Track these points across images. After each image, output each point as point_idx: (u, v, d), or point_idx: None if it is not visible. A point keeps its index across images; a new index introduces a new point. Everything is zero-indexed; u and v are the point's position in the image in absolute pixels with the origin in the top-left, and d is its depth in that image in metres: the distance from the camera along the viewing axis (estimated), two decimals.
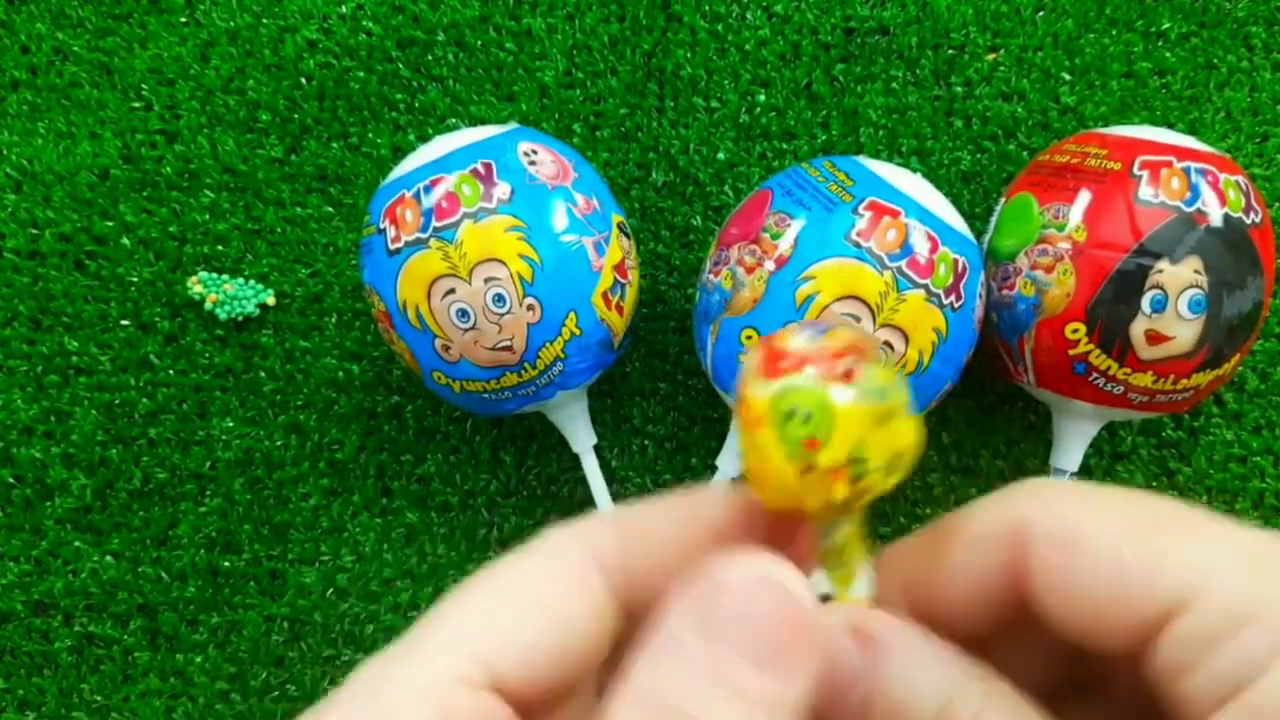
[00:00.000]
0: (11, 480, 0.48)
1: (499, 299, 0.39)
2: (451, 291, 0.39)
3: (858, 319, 0.38)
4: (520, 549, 0.18)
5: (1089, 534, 0.16)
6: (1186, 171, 0.39)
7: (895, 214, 0.38)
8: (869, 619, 0.16)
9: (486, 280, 0.39)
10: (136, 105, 0.51)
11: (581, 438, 0.45)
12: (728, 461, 0.43)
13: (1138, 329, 0.39)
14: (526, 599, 0.17)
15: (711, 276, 0.41)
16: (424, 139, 0.50)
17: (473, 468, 0.49)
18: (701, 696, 0.15)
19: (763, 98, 0.51)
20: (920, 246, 0.38)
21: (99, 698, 0.47)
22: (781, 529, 0.18)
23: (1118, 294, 0.38)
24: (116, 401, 0.49)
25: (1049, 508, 0.16)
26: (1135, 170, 0.39)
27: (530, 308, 0.39)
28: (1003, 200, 0.44)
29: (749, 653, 0.15)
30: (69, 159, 0.51)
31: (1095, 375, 0.40)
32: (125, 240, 0.50)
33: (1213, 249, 0.38)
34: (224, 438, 0.49)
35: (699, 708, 0.15)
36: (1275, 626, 0.14)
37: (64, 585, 0.48)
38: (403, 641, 0.16)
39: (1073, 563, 0.16)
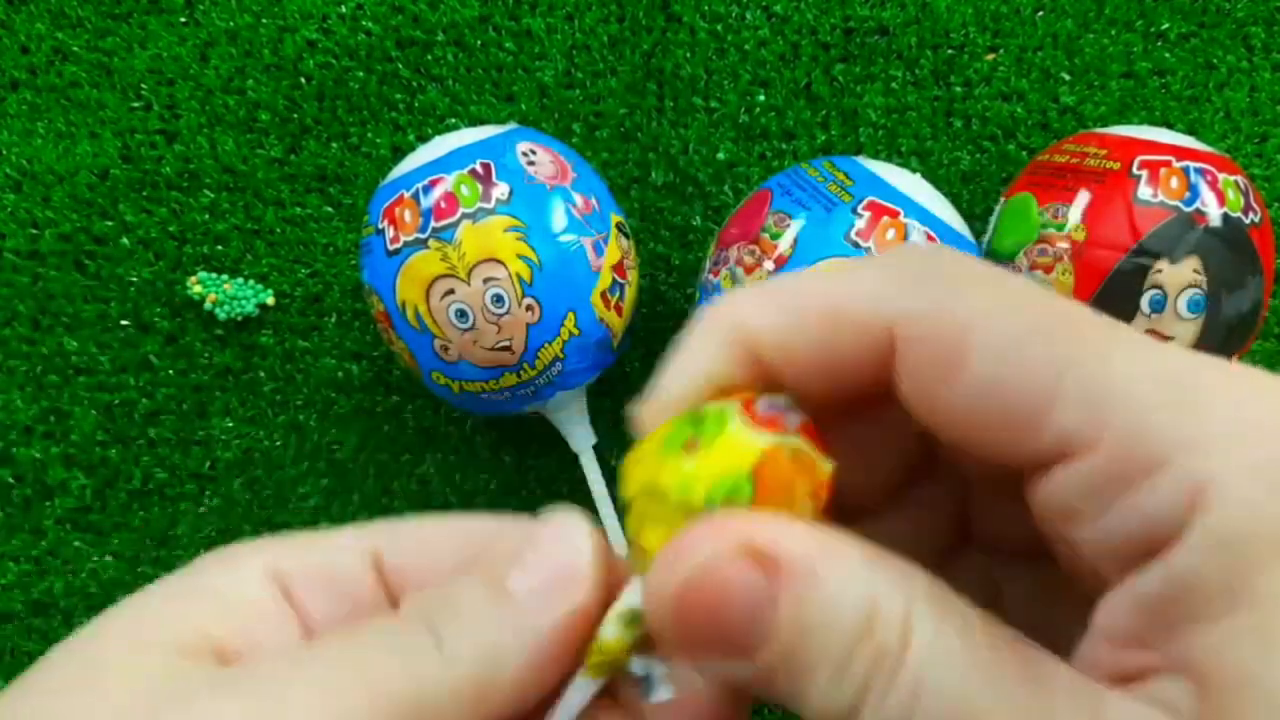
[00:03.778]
0: (11, 480, 0.49)
1: (498, 299, 0.39)
2: (450, 292, 0.39)
3: None
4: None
5: (980, 343, 0.13)
6: (1186, 171, 0.39)
7: (894, 214, 0.38)
8: (766, 536, 0.14)
9: (485, 280, 0.39)
10: (136, 105, 0.51)
11: (581, 438, 0.45)
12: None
13: (1137, 329, 0.39)
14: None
15: (711, 277, 0.41)
16: (424, 139, 0.50)
17: (473, 468, 0.49)
18: (467, 583, 0.16)
19: (762, 98, 0.51)
20: None
21: None
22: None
23: (1117, 294, 0.38)
24: (116, 401, 0.49)
25: (932, 307, 0.13)
26: (1134, 170, 0.39)
27: (529, 308, 0.39)
28: (1002, 200, 0.44)
29: (526, 569, 0.16)
30: (69, 159, 0.51)
31: None
32: (125, 240, 0.50)
33: (1212, 249, 0.38)
34: (224, 438, 0.49)
35: (463, 594, 0.16)
36: (1187, 482, 0.11)
37: (64, 585, 0.48)
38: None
39: (953, 374, 0.13)
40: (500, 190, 0.39)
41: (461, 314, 0.39)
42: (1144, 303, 0.38)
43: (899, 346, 0.14)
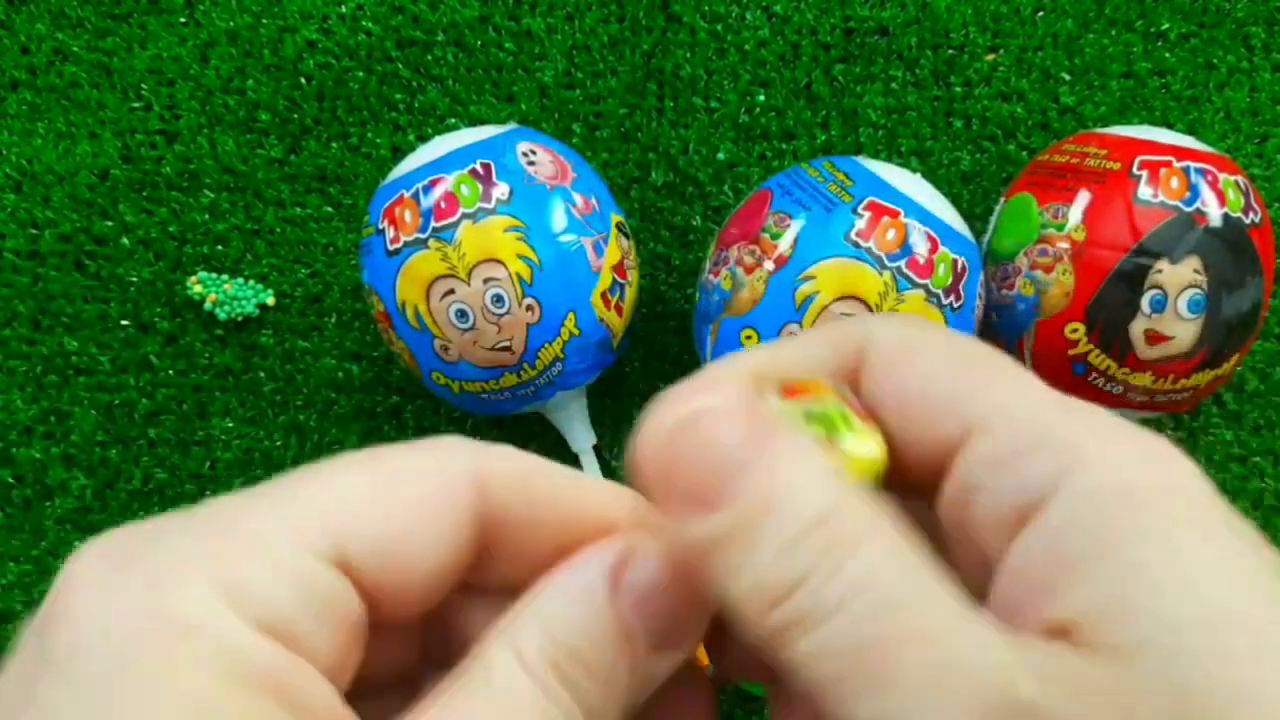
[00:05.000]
0: (11, 480, 0.49)
1: (498, 299, 0.39)
2: (450, 292, 0.39)
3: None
4: (407, 443, 0.17)
5: (920, 352, 0.17)
6: (1186, 171, 0.39)
7: (895, 214, 0.38)
8: (774, 409, 0.16)
9: (485, 281, 0.39)
10: (136, 105, 0.51)
11: (581, 438, 0.45)
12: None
13: (1137, 329, 0.39)
14: (396, 487, 0.16)
15: (711, 277, 0.41)
16: (424, 139, 0.50)
17: None
18: (605, 646, 0.15)
19: (762, 98, 0.51)
20: (920, 246, 0.38)
21: None
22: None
23: (1117, 294, 0.38)
24: (116, 401, 0.49)
25: (893, 327, 0.18)
26: (1134, 170, 0.39)
27: (529, 308, 0.39)
28: (1002, 200, 0.44)
29: (653, 630, 0.16)
30: (69, 159, 0.51)
31: (1094, 375, 0.40)
32: (125, 240, 0.50)
33: (1212, 249, 0.38)
34: (224, 438, 0.49)
35: (598, 656, 0.15)
36: (1063, 452, 0.14)
37: None
38: (247, 496, 0.16)
39: (898, 370, 0.17)
40: (500, 190, 0.39)
41: (461, 314, 0.39)
42: (1144, 303, 0.38)
43: (868, 350, 0.17)
